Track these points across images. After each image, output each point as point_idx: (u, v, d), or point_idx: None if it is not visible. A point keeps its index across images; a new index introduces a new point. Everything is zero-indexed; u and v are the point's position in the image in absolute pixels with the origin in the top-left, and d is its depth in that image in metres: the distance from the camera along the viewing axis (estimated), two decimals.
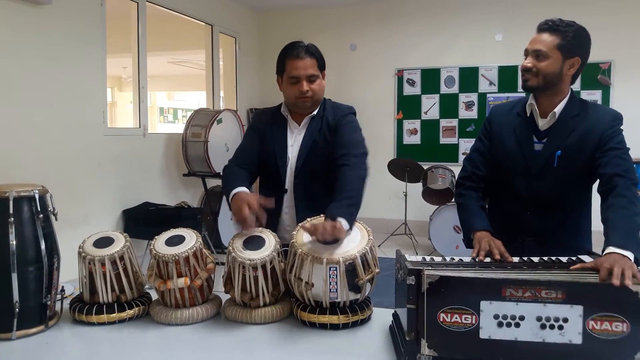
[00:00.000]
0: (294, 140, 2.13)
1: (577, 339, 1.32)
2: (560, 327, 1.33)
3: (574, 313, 1.32)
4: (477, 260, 1.68)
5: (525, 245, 1.89)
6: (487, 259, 1.69)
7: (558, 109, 1.87)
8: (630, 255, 1.47)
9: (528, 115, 1.92)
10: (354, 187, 1.88)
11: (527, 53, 1.86)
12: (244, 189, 1.93)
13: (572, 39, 1.80)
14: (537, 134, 1.90)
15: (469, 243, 1.89)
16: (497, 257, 1.68)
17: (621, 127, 1.84)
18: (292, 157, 2.12)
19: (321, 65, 2.07)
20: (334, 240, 1.65)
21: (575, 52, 1.82)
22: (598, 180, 1.81)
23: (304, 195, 2.09)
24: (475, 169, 2.02)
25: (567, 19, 1.85)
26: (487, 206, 2.07)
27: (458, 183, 2.08)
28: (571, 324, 1.32)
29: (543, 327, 1.33)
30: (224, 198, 2.04)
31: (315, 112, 2.12)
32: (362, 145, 2.05)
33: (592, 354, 1.32)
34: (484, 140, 2.02)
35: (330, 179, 2.01)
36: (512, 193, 1.94)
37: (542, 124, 1.89)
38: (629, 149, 1.81)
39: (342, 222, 1.69)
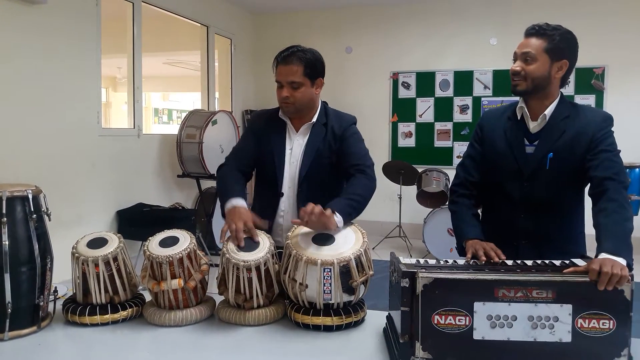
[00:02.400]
0: (293, 146, 2.13)
1: (567, 337, 1.35)
2: (551, 326, 1.35)
3: (564, 312, 1.35)
4: (477, 262, 1.70)
5: (520, 249, 1.90)
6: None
7: (548, 112, 1.88)
8: (622, 261, 1.48)
9: (519, 118, 1.93)
10: (362, 193, 1.93)
11: (515, 57, 1.88)
12: (241, 202, 1.92)
13: (559, 42, 1.82)
14: (528, 136, 1.91)
15: (461, 251, 1.91)
16: (493, 255, 1.71)
17: (612, 129, 1.85)
18: (291, 162, 2.12)
19: (309, 73, 2.02)
20: (323, 228, 1.71)
21: (563, 55, 1.84)
22: (589, 183, 1.82)
23: (308, 201, 2.08)
24: (467, 175, 2.03)
25: (560, 23, 1.87)
26: (480, 212, 2.08)
27: (451, 190, 2.08)
28: (561, 323, 1.35)
29: (534, 326, 1.35)
30: (218, 200, 2.04)
31: (315, 119, 2.12)
32: (370, 158, 2.10)
33: (581, 352, 1.36)
34: (476, 146, 2.03)
35: (332, 185, 2.03)
36: (505, 196, 1.95)
37: (533, 126, 1.91)
38: (619, 150, 1.82)
39: (336, 216, 1.74)
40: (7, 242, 1.55)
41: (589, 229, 1.82)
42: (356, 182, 1.98)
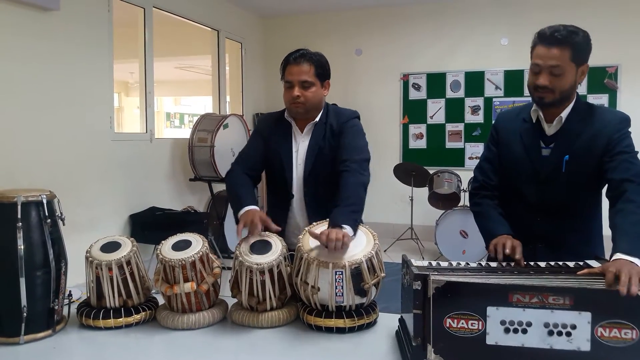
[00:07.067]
0: (299, 147, 2.14)
1: (586, 346, 1.31)
2: (568, 334, 1.31)
3: (582, 320, 1.31)
4: (489, 264, 1.67)
5: (537, 252, 1.87)
6: (494, 264, 1.69)
7: (564, 114, 1.85)
8: (638, 262, 1.45)
9: (534, 121, 1.91)
10: (355, 194, 1.90)
11: (539, 69, 1.78)
12: (255, 208, 1.93)
13: (582, 47, 1.76)
14: (544, 139, 1.89)
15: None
16: (507, 251, 1.69)
17: (629, 130, 1.82)
18: (298, 163, 2.13)
19: (320, 74, 2.06)
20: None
21: (585, 59, 1.79)
22: (607, 185, 1.80)
23: (314, 200, 2.09)
24: (486, 179, 2.00)
25: (572, 23, 1.82)
26: None
27: (472, 193, 2.04)
28: (579, 331, 1.31)
29: (550, 333, 1.32)
30: (230, 203, 2.06)
31: (317, 119, 2.13)
32: (364, 151, 2.06)
33: None
34: (492, 148, 2.01)
35: (338, 182, 2.03)
36: (522, 199, 1.92)
37: (549, 129, 1.88)
38: (637, 152, 1.79)
39: (347, 229, 1.72)
40: (22, 247, 1.57)
41: (607, 231, 1.79)
42: (343, 184, 1.92)
